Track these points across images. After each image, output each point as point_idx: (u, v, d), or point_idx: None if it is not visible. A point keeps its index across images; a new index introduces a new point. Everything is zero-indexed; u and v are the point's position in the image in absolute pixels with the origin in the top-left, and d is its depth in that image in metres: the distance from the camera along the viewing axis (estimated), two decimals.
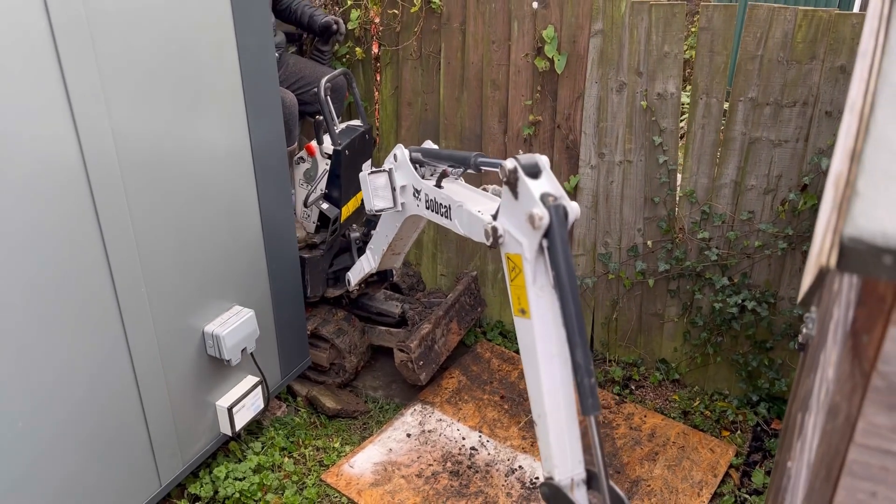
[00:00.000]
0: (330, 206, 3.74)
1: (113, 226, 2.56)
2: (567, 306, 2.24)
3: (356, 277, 3.81)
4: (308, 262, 3.79)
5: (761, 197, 3.49)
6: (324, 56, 4.15)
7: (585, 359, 2.23)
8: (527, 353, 2.46)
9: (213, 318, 3.09)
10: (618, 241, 3.92)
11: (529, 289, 2.31)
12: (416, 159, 3.02)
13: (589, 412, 2.28)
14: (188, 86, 2.75)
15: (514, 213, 2.34)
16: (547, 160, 2.31)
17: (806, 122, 3.28)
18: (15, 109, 2.18)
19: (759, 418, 3.80)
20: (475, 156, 2.70)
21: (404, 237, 3.44)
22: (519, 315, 2.42)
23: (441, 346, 3.96)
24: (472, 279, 4.30)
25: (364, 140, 3.82)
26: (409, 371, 3.82)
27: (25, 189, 2.25)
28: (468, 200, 2.73)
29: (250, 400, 3.32)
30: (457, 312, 4.12)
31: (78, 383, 2.58)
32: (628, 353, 4.20)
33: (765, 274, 3.62)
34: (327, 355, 3.97)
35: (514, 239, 2.35)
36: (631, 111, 3.60)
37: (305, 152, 3.85)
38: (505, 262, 2.43)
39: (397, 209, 3.13)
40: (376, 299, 4.22)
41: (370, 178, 3.10)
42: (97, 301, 2.58)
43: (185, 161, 2.81)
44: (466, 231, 2.72)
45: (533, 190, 2.23)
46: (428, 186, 2.93)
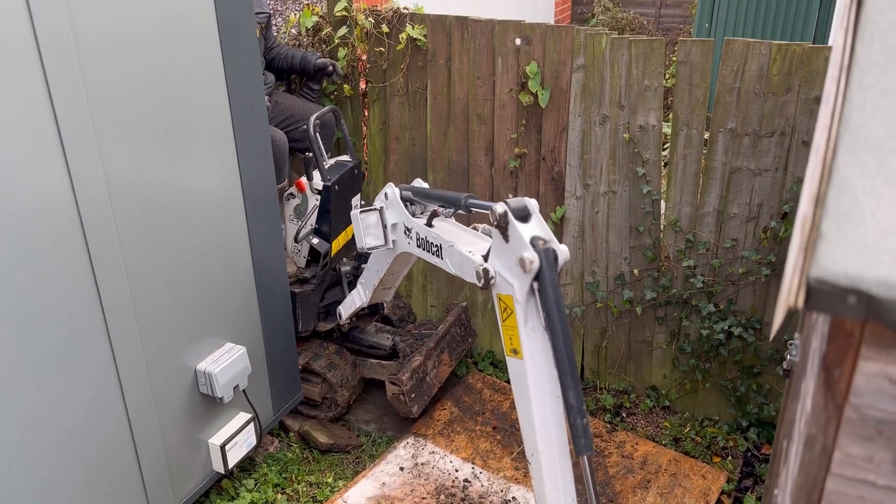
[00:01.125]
0: (320, 240, 3.78)
1: (105, 267, 2.59)
2: (559, 348, 2.28)
3: (347, 311, 3.84)
4: (299, 296, 3.81)
5: (744, 225, 3.56)
6: (314, 94, 4.23)
7: (578, 400, 2.27)
8: (519, 393, 2.49)
9: (206, 356, 3.11)
10: (605, 270, 3.97)
11: (521, 330, 2.35)
12: (406, 198, 3.05)
13: (582, 452, 2.31)
14: (179, 128, 2.80)
15: (505, 255, 2.38)
16: (536, 204, 2.36)
17: (784, 151, 3.36)
18: (8, 153, 2.22)
19: (749, 443, 3.83)
20: (466, 197, 2.73)
21: (395, 272, 3.47)
22: (511, 355, 2.45)
23: (433, 378, 3.98)
24: (463, 310, 4.33)
25: (353, 175, 3.88)
26: (401, 404, 3.82)
27: (19, 231, 2.29)
28: (459, 240, 2.76)
29: (243, 437, 3.33)
30: (448, 344, 4.14)
31: (70, 423, 2.58)
32: (618, 381, 4.23)
33: (750, 300, 3.68)
34: (319, 389, 3.98)
35: (505, 281, 2.39)
36: (614, 143, 3.68)
37: (295, 188, 3.90)
38: (496, 303, 2.47)
39: (388, 247, 3.16)
40: (367, 332, 4.24)
41: (362, 216, 3.13)
42: (90, 341, 2.60)
43: (176, 201, 2.85)
44: (458, 271, 2.74)
45: (523, 234, 2.28)
46: (419, 225, 2.96)
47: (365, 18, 4.07)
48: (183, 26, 2.71)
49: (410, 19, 4.00)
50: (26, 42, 2.20)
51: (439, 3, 6.28)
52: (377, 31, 4.08)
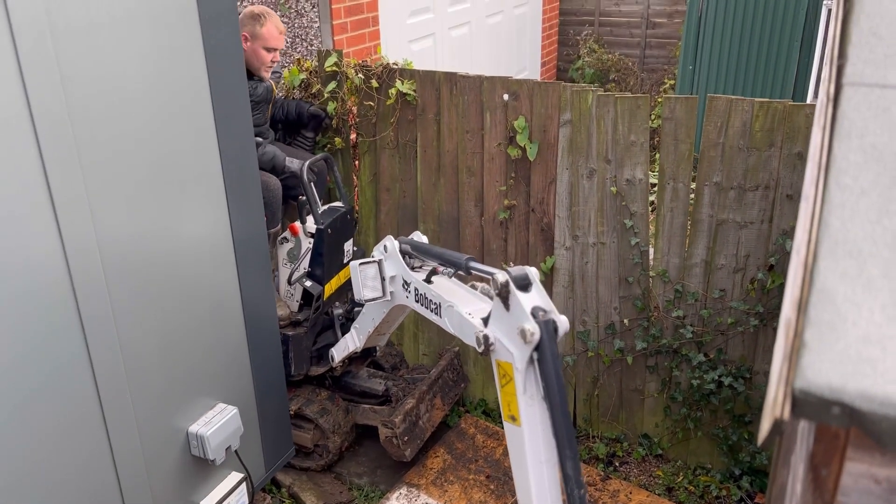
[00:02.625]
0: (313, 283, 3.80)
1: (96, 331, 2.59)
2: (557, 419, 2.29)
3: (340, 355, 3.83)
4: (292, 339, 3.81)
5: (731, 275, 3.60)
6: (307, 143, 4.28)
7: (575, 471, 2.28)
8: (516, 458, 2.50)
9: (198, 418, 3.09)
10: (595, 319, 4.00)
11: (520, 398, 2.36)
12: (405, 251, 3.06)
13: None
14: (171, 188, 2.82)
15: (506, 323, 2.39)
16: (536, 272, 2.38)
17: (769, 204, 3.42)
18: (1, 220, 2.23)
19: (742, 492, 3.83)
20: (467, 259, 2.72)
21: (391, 321, 3.47)
22: (509, 421, 2.46)
23: (425, 422, 3.97)
24: (455, 355, 4.33)
25: (345, 220, 3.91)
26: (393, 447, 3.81)
27: (9, 295, 2.28)
28: (459, 300, 2.75)
29: (235, 497, 3.30)
30: (440, 388, 4.14)
31: (59, 490, 2.56)
32: (611, 429, 4.24)
33: (739, 349, 3.71)
34: (311, 436, 3.95)
35: (505, 348, 2.40)
36: (602, 195, 3.73)
37: (289, 232, 3.93)
38: (496, 368, 2.48)
39: (386, 299, 3.16)
40: (359, 377, 4.23)
41: (361, 268, 3.13)
42: (80, 406, 2.59)
43: (167, 262, 2.86)
44: (456, 332, 2.74)
45: (524, 304, 2.30)
46: (417, 280, 2.95)
47: (355, 74, 4.13)
48: (174, 85, 2.75)
49: (400, 75, 4.07)
50: (18, 104, 2.22)
51: (427, 52, 6.40)
52: (367, 87, 4.15)
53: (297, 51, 5.04)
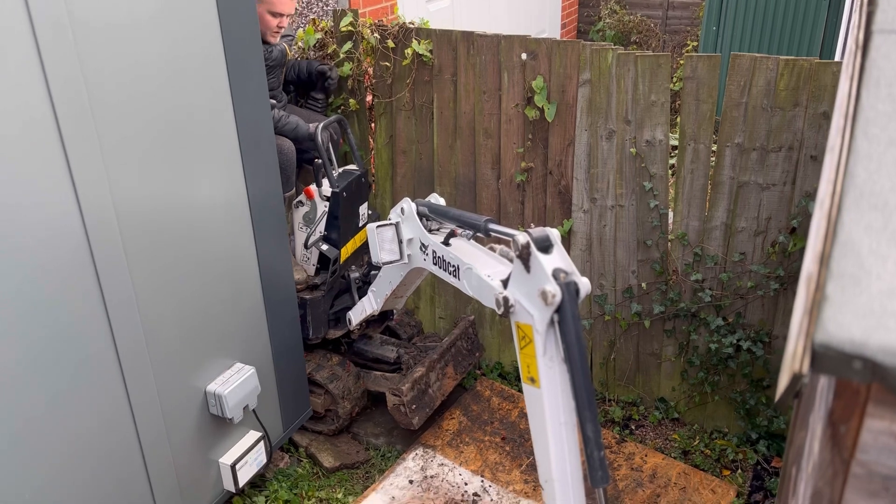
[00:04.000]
0: (329, 247, 3.79)
1: (115, 290, 2.61)
2: (577, 381, 2.27)
3: (357, 318, 3.84)
4: (309, 303, 3.81)
5: (752, 239, 3.55)
6: (318, 104, 4.24)
7: (595, 433, 2.26)
8: (535, 421, 2.49)
9: (215, 377, 3.12)
10: (613, 283, 3.97)
11: (539, 360, 2.35)
12: (422, 213, 3.02)
13: (598, 485, 2.31)
14: (186, 149, 2.81)
15: (526, 285, 2.36)
16: (558, 234, 2.33)
17: (792, 166, 3.35)
18: (16, 180, 2.23)
19: (759, 456, 3.82)
20: (486, 221, 2.68)
21: (408, 283, 3.46)
22: (528, 383, 2.45)
23: (435, 391, 3.97)
24: (470, 323, 4.31)
25: (360, 183, 3.89)
26: (401, 415, 3.80)
27: (28, 258, 2.31)
28: (478, 263, 2.72)
29: (253, 455, 3.35)
30: (453, 357, 4.12)
31: (81, 447, 2.61)
32: (627, 393, 4.23)
33: (759, 314, 3.67)
34: (322, 401, 3.97)
35: (525, 310, 2.37)
36: (621, 157, 3.67)
37: (304, 196, 3.91)
38: (515, 330, 2.45)
39: (404, 262, 3.15)
40: (372, 344, 4.24)
41: (378, 230, 3.11)
42: (100, 366, 2.62)
43: (184, 223, 2.86)
44: (475, 294, 2.71)
45: (545, 266, 2.26)
46: (435, 243, 2.92)
47: (371, 34, 4.07)
48: (189, 44, 2.72)
49: (416, 34, 4.01)
50: (32, 65, 2.21)
51: (445, 12, 6.30)
52: (383, 47, 4.09)
53: (312, 11, 4.98)
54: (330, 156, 3.78)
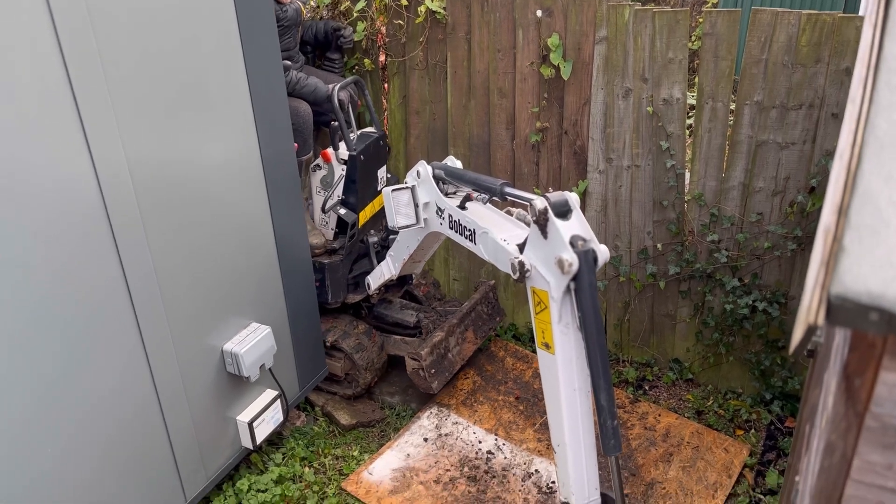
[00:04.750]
0: (347, 211, 3.77)
1: (130, 250, 2.63)
2: (592, 350, 2.26)
3: (376, 282, 3.84)
4: (328, 267, 3.81)
5: (769, 199, 3.50)
6: (335, 65, 4.20)
7: (609, 402, 2.26)
8: (549, 385, 2.49)
9: (231, 337, 3.16)
10: (628, 244, 3.95)
11: (555, 326, 2.34)
12: (438, 176, 2.99)
13: (610, 453, 2.32)
14: (198, 107, 2.80)
15: (543, 251, 2.33)
16: (577, 198, 2.29)
17: (812, 124, 3.28)
18: (33, 144, 2.24)
19: (772, 416, 3.82)
20: (501, 184, 2.65)
21: (426, 248, 3.44)
22: (542, 348, 2.44)
23: (455, 355, 3.97)
24: (490, 288, 4.27)
25: (378, 146, 3.85)
26: (420, 379, 3.82)
27: (46, 220, 2.32)
28: (494, 227, 2.69)
29: (270, 413, 3.39)
30: (473, 321, 4.10)
31: (102, 405, 2.66)
32: (641, 354, 4.24)
33: (775, 274, 3.64)
34: (342, 365, 4.00)
35: (541, 276, 2.35)
36: (637, 116, 3.62)
37: (321, 159, 3.87)
38: (530, 295, 2.43)
39: (420, 226, 3.12)
40: (393, 308, 4.23)
41: (394, 194, 3.08)
42: (118, 326, 2.65)
43: (197, 182, 2.87)
44: (491, 258, 2.69)
45: (563, 233, 2.23)
46: (451, 207, 2.89)
47: None
48: (199, 1, 2.70)
49: None
50: (44, 26, 2.20)
51: None
52: (396, 4, 4.03)
53: None
54: (348, 118, 3.73)
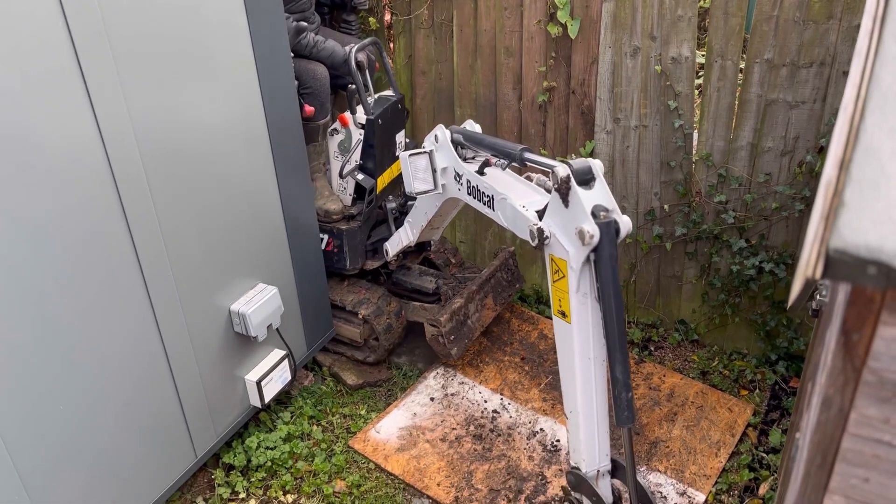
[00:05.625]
0: (365, 176, 3.72)
1: (137, 211, 2.64)
2: (610, 323, 2.24)
3: (394, 249, 3.81)
4: (346, 233, 3.79)
5: (778, 159, 3.47)
6: (351, 26, 4.12)
7: (624, 374, 2.25)
8: (564, 354, 2.48)
9: (239, 297, 3.18)
10: (635, 205, 3.93)
11: (572, 296, 2.31)
12: (457, 140, 2.93)
13: (623, 424, 2.32)
14: (202, 69, 2.79)
15: (563, 220, 2.28)
16: (601, 165, 2.23)
17: (823, 82, 3.24)
18: (36, 105, 2.24)
19: (777, 377, 3.84)
20: (521, 150, 2.59)
21: (444, 214, 3.40)
22: (559, 316, 2.42)
23: (475, 322, 3.92)
24: (510, 255, 4.21)
25: (397, 110, 3.79)
26: (439, 346, 3.79)
27: (52, 182, 2.34)
28: (513, 192, 2.64)
29: (278, 373, 3.44)
30: (492, 288, 4.06)
31: (112, 365, 2.70)
32: (647, 315, 4.25)
33: (782, 235, 3.63)
34: (361, 331, 3.95)
35: (560, 244, 2.31)
36: (645, 76, 3.58)
37: (339, 123, 3.81)
38: (548, 263, 2.40)
39: (438, 192, 3.07)
40: (412, 275, 4.19)
41: (411, 159, 3.02)
42: (126, 286, 2.68)
43: (202, 145, 2.86)
44: (510, 225, 2.65)
45: (585, 203, 2.17)
46: (470, 172, 2.84)
47: None
48: None
49: None
50: None
51: None
52: None
53: None
54: (365, 81, 3.67)
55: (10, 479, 2.41)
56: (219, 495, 3.32)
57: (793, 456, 2.04)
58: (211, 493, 3.35)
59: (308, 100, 3.62)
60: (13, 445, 2.40)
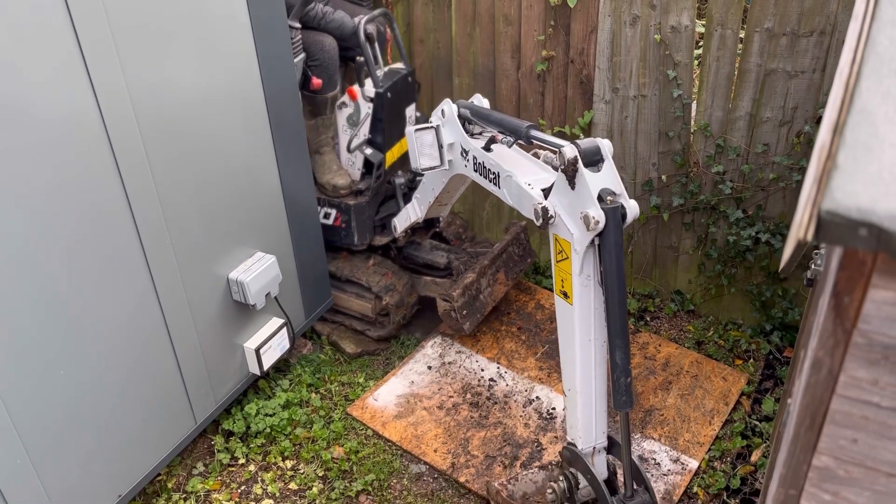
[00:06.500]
0: (374, 151, 3.68)
1: (135, 182, 2.64)
2: (612, 308, 2.23)
3: (402, 225, 3.80)
4: (354, 209, 3.75)
5: (776, 129, 3.47)
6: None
7: (624, 360, 2.26)
8: (565, 333, 2.48)
9: (237, 265, 3.19)
10: (632, 176, 3.93)
11: (575, 278, 2.30)
12: (463, 115, 2.89)
13: (621, 408, 2.34)
14: (199, 40, 2.76)
15: (569, 201, 2.25)
16: (610, 146, 2.19)
17: (823, 52, 3.22)
18: (32, 70, 2.23)
19: (771, 346, 3.87)
20: (527, 127, 2.56)
21: (452, 191, 3.37)
22: (560, 297, 2.41)
23: (487, 297, 3.91)
24: (521, 229, 4.18)
25: (407, 83, 3.74)
26: (452, 320, 3.77)
27: (49, 148, 2.33)
28: (519, 170, 2.61)
29: (276, 340, 3.46)
30: (504, 263, 4.03)
31: (112, 332, 2.72)
32: (643, 285, 4.27)
33: (779, 206, 3.64)
34: (372, 306, 3.94)
35: (564, 226, 2.29)
36: (645, 45, 3.56)
37: (347, 96, 3.77)
38: (552, 243, 2.39)
39: (444, 168, 3.03)
40: (422, 249, 4.17)
41: (417, 134, 2.99)
42: (126, 256, 2.69)
43: (199, 113, 2.85)
44: (515, 204, 2.63)
45: (591, 186, 2.14)
46: (476, 148, 2.81)
47: None
48: None
49: None
50: None
51: None
52: None
53: None
54: (374, 53, 3.61)
55: (14, 446, 2.44)
56: (218, 461, 3.36)
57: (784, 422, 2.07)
58: (211, 459, 3.39)
59: (316, 72, 3.58)
60: (17, 415, 2.43)
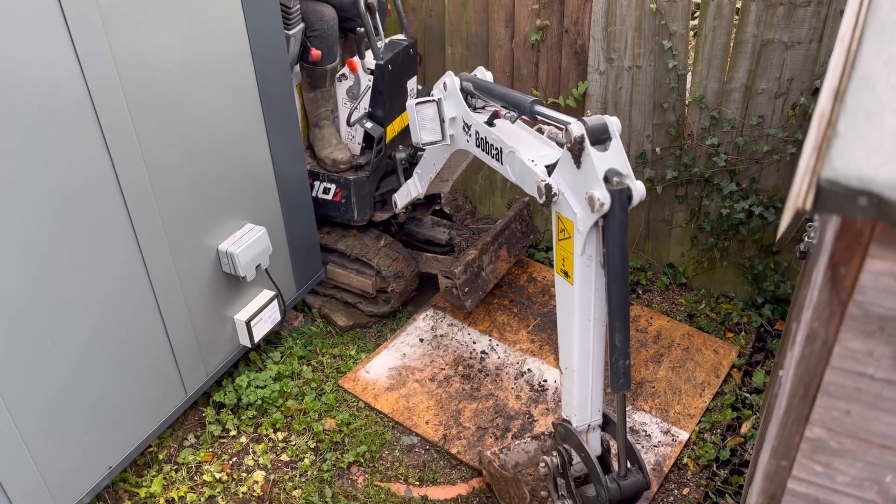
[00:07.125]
0: (374, 125, 3.62)
1: (122, 151, 2.60)
2: (613, 290, 2.21)
3: (403, 201, 3.75)
4: (354, 184, 3.69)
5: (772, 101, 3.44)
6: None
7: (623, 343, 2.23)
8: (563, 312, 2.46)
9: (227, 237, 3.16)
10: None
11: (576, 258, 2.27)
12: (466, 89, 2.83)
13: (618, 390, 2.32)
14: (187, 3, 2.70)
15: (573, 180, 2.21)
16: (618, 123, 2.13)
17: (820, 22, 3.18)
18: (15, 40, 2.18)
19: (763, 319, 3.88)
20: (532, 102, 2.49)
21: (453, 166, 3.31)
22: (561, 275, 2.38)
23: (489, 274, 3.87)
24: (524, 205, 4.13)
25: (408, 55, 3.66)
26: (453, 298, 3.73)
27: (34, 119, 2.29)
28: (522, 145, 2.55)
29: (267, 313, 3.44)
30: (506, 239, 3.99)
31: (101, 304, 2.69)
32: (636, 258, 4.26)
33: (773, 179, 3.62)
34: (373, 282, 3.90)
35: (568, 204, 2.24)
36: (640, 14, 3.51)
37: (347, 68, 3.69)
38: (554, 221, 2.35)
39: (446, 143, 2.98)
40: (424, 225, 4.13)
41: (418, 108, 2.92)
42: (113, 226, 2.65)
43: (188, 80, 2.80)
44: (517, 180, 2.58)
45: (598, 166, 2.09)
46: (478, 123, 2.76)
47: None
48: None
49: None
50: None
51: None
52: None
53: None
54: (375, 23, 3.52)
55: (2, 418, 2.42)
56: (210, 432, 3.36)
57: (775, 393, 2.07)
58: (202, 431, 3.39)
59: (315, 43, 3.50)
60: (5, 387, 2.41)
